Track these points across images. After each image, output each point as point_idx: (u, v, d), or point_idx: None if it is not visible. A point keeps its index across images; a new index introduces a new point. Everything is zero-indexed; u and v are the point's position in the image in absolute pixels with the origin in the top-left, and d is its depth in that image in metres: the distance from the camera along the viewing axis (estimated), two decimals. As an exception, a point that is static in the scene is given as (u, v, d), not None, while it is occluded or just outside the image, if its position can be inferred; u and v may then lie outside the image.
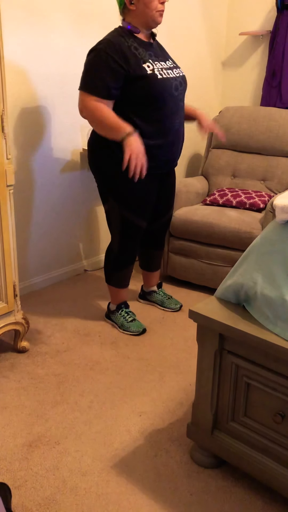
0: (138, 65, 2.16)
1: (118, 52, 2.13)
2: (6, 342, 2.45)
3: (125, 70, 2.14)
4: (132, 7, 2.19)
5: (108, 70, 2.12)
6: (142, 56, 2.19)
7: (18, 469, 1.72)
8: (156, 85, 2.18)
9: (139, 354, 2.41)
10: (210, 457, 1.72)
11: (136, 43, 2.20)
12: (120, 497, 1.61)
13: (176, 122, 2.31)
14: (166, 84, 2.21)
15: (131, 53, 2.16)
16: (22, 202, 2.86)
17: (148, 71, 2.17)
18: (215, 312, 1.55)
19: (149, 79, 2.17)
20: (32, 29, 2.64)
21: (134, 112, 2.21)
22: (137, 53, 2.18)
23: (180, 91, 2.30)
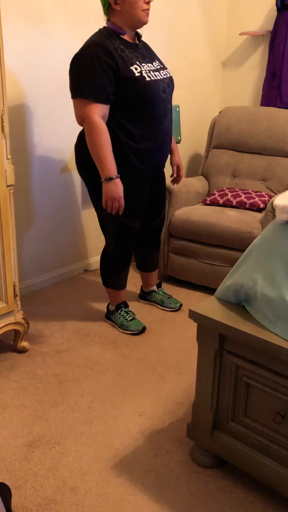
0: (126, 67, 2.12)
1: (108, 54, 2.08)
2: (6, 342, 2.45)
3: (115, 72, 2.10)
4: (117, 7, 2.13)
5: (104, 74, 2.08)
6: (129, 58, 2.15)
7: (18, 469, 1.72)
8: (144, 88, 2.15)
9: (139, 354, 2.41)
10: (210, 457, 1.72)
11: (122, 45, 2.15)
12: (120, 497, 1.61)
13: (165, 124, 2.29)
14: (154, 87, 2.18)
15: (118, 55, 2.11)
16: (22, 202, 2.86)
17: (136, 73, 2.14)
18: (215, 312, 1.55)
19: (138, 82, 2.13)
20: (32, 30, 2.64)
21: (123, 115, 2.19)
22: (124, 55, 2.13)
23: (168, 93, 2.28)
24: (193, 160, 3.96)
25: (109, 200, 2.19)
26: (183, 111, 3.53)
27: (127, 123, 2.20)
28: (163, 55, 3.48)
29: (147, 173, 2.35)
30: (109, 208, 2.22)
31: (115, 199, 2.18)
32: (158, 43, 3.40)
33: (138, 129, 2.22)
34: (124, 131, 2.20)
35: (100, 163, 2.15)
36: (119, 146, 2.21)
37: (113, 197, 2.18)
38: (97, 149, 2.13)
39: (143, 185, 2.38)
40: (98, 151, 2.13)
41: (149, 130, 2.24)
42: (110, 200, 2.19)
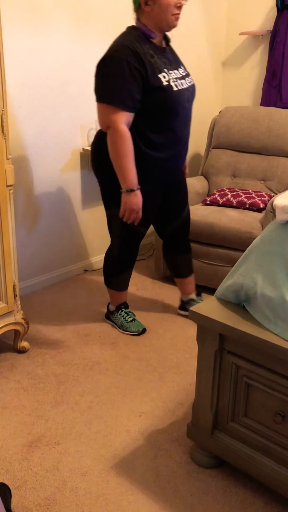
0: (154, 75, 2.05)
1: (137, 59, 2.01)
2: (6, 342, 2.45)
3: (144, 79, 2.03)
4: (147, 9, 2.06)
5: (133, 81, 2.00)
6: (158, 65, 2.07)
7: (18, 469, 1.72)
8: (171, 98, 2.09)
9: (139, 354, 2.41)
10: (210, 457, 1.72)
11: (151, 50, 2.08)
12: (120, 497, 1.61)
13: (185, 133, 2.26)
14: (181, 96, 2.12)
15: (148, 61, 2.04)
16: (22, 202, 2.86)
17: (164, 82, 2.07)
18: (215, 312, 1.55)
19: (165, 91, 2.07)
20: (32, 29, 2.64)
21: (145, 123, 2.12)
22: (152, 61, 2.06)
23: (190, 102, 2.24)
24: (193, 160, 3.95)
25: (128, 211, 2.16)
26: (183, 111, 3.52)
27: (148, 131, 2.14)
28: (163, 55, 3.48)
29: (162, 181, 2.32)
30: (125, 218, 2.19)
31: (133, 210, 2.16)
32: (158, 43, 3.40)
33: (158, 137, 2.16)
34: (144, 139, 2.14)
35: (122, 173, 2.09)
36: (136, 153, 2.13)
37: (132, 208, 2.15)
38: (120, 158, 2.07)
39: (155, 194, 2.33)
40: (121, 161, 2.07)
41: (169, 139, 2.20)
42: (129, 211, 2.16)
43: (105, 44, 3.04)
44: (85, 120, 3.06)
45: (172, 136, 2.20)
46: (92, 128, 3.10)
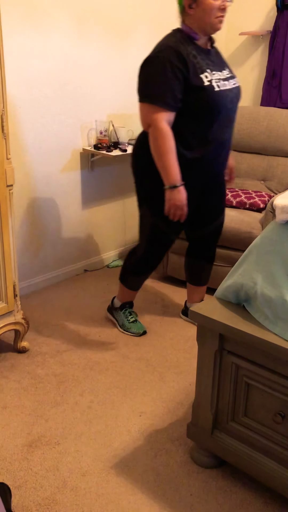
0: (196, 75, 2.04)
1: (180, 59, 2.00)
2: (6, 342, 2.45)
3: (186, 79, 2.02)
4: (191, 12, 2.05)
5: (176, 81, 2.00)
6: (200, 65, 2.06)
7: (18, 469, 1.72)
8: (212, 98, 2.06)
9: (139, 354, 2.41)
10: (210, 457, 1.72)
11: (195, 51, 2.07)
12: (120, 497, 1.61)
13: (226, 135, 2.21)
14: (223, 97, 2.09)
15: (190, 61, 2.03)
16: (22, 202, 2.86)
17: (206, 82, 2.05)
18: (215, 312, 1.55)
19: (206, 91, 2.05)
20: (32, 29, 2.64)
21: (184, 123, 2.10)
22: (195, 61, 2.04)
23: (234, 104, 2.19)
24: (193, 160, 3.96)
25: (173, 208, 2.14)
26: (183, 111, 3.52)
27: (186, 131, 2.12)
28: (163, 55, 3.48)
29: (197, 183, 2.25)
30: (171, 215, 2.16)
31: (178, 207, 2.13)
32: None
33: (195, 138, 2.14)
34: (181, 139, 2.11)
35: (165, 170, 2.08)
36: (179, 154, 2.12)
37: (177, 205, 2.12)
38: (162, 156, 2.06)
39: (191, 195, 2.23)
40: (163, 158, 2.07)
41: (207, 140, 2.15)
42: (174, 208, 2.14)
43: (105, 44, 3.05)
44: (85, 120, 3.06)
45: (211, 137, 2.15)
46: (92, 128, 3.11)
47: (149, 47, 3.47)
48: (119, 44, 3.14)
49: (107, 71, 3.12)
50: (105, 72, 3.10)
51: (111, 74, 3.15)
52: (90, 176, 3.22)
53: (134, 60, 3.30)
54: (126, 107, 3.30)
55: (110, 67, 3.13)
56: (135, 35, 3.23)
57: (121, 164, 3.42)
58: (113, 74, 3.16)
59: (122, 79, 3.23)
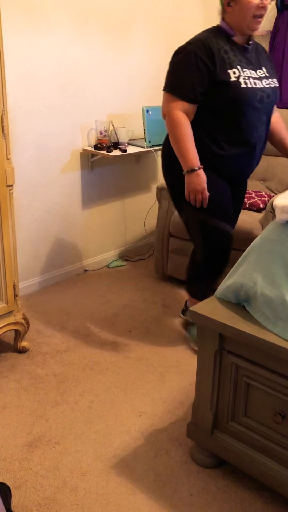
0: (223, 69, 2.01)
1: (208, 53, 1.99)
2: (6, 342, 2.45)
3: (211, 73, 2.00)
4: (229, 9, 2.03)
5: (197, 73, 1.99)
6: (231, 60, 2.03)
7: (18, 469, 1.72)
8: (237, 94, 2.02)
9: (139, 354, 2.41)
10: (210, 457, 1.72)
11: (228, 46, 2.04)
12: (120, 497, 1.61)
13: (254, 136, 2.14)
14: (249, 94, 2.04)
15: (220, 56, 2.01)
16: (22, 202, 2.86)
17: (233, 77, 2.01)
18: (215, 312, 1.55)
19: (231, 87, 2.01)
20: (32, 29, 2.64)
21: (208, 118, 2.09)
22: (226, 57, 2.02)
23: (266, 104, 2.12)
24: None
25: (192, 193, 2.09)
26: (183, 111, 3.53)
27: (211, 127, 2.10)
28: (163, 55, 3.49)
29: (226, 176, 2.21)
30: (192, 201, 2.10)
31: (198, 191, 2.07)
32: (158, 43, 3.40)
33: (224, 135, 2.11)
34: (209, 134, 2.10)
35: (182, 155, 2.06)
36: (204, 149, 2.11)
37: (196, 189, 2.07)
38: (178, 142, 2.05)
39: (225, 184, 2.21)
40: (179, 144, 2.05)
41: (236, 138, 2.11)
42: (193, 192, 2.08)
43: (105, 44, 3.05)
44: (85, 120, 3.06)
45: (239, 135, 2.11)
46: (92, 128, 3.11)
47: (149, 47, 3.48)
48: (119, 44, 3.14)
49: (107, 71, 3.12)
50: (105, 72, 3.10)
51: (111, 74, 3.15)
52: (90, 176, 3.22)
53: (134, 60, 3.31)
54: (126, 107, 3.30)
55: (110, 67, 3.13)
56: (135, 35, 3.23)
57: (121, 164, 3.42)
58: (113, 74, 3.16)
59: (122, 79, 3.23)
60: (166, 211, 3.12)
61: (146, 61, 3.36)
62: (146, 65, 3.37)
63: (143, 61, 3.34)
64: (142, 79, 3.37)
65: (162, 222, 3.15)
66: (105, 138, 3.11)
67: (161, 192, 3.15)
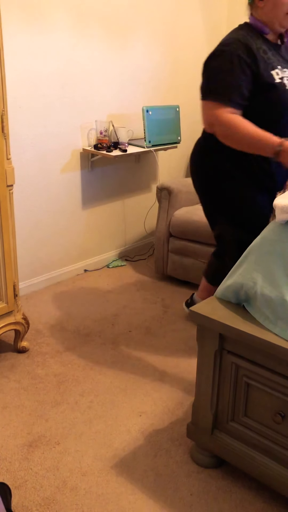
0: (267, 71, 1.86)
1: (250, 55, 1.83)
2: (6, 342, 2.45)
3: (255, 75, 1.84)
4: (260, 4, 1.88)
5: (243, 76, 1.82)
6: (271, 61, 1.89)
7: (18, 469, 1.72)
8: (283, 97, 1.88)
9: (139, 354, 2.41)
10: (210, 457, 1.72)
11: (265, 46, 1.90)
12: (120, 497, 1.61)
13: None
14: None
15: (261, 56, 1.86)
16: (22, 202, 2.86)
17: (277, 79, 1.87)
18: (215, 312, 1.55)
19: (277, 89, 1.87)
20: (32, 29, 2.64)
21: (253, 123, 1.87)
22: (266, 57, 1.87)
23: None
24: (193, 160, 3.96)
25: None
26: (183, 111, 3.53)
27: None
28: (163, 55, 3.49)
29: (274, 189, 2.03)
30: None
31: None
32: (158, 43, 3.40)
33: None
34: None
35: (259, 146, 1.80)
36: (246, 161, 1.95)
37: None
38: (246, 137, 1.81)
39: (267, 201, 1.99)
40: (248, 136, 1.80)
41: None
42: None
43: (105, 44, 3.05)
44: (85, 120, 3.07)
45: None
46: (92, 128, 3.11)
47: (149, 47, 3.48)
48: (119, 44, 3.14)
49: (107, 71, 3.12)
50: (105, 72, 3.11)
51: (111, 74, 3.15)
52: (90, 176, 3.22)
53: (134, 60, 3.31)
54: (126, 107, 3.30)
55: (110, 67, 3.13)
56: (135, 36, 3.23)
57: (121, 164, 3.42)
58: (113, 74, 3.17)
59: (122, 79, 3.23)
60: (166, 211, 3.13)
61: (146, 61, 3.36)
62: (146, 65, 3.37)
63: (143, 61, 3.34)
64: (142, 79, 3.37)
65: (162, 222, 3.15)
66: (105, 138, 3.11)
67: (161, 192, 3.15)
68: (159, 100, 3.52)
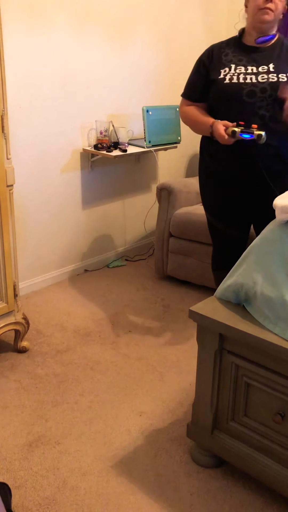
0: (215, 69, 2.11)
1: (209, 56, 2.15)
2: (6, 342, 2.45)
3: (205, 74, 2.15)
4: (247, 11, 2.10)
5: (198, 75, 2.18)
6: (227, 60, 2.11)
7: (18, 469, 1.72)
8: (220, 89, 2.08)
9: (139, 354, 2.41)
10: (210, 457, 1.72)
11: (232, 48, 2.13)
12: (120, 497, 1.61)
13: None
14: (233, 88, 2.04)
15: (218, 57, 2.13)
16: (22, 202, 2.86)
17: (221, 75, 2.08)
18: (215, 312, 1.55)
19: (216, 83, 2.09)
20: (32, 29, 2.65)
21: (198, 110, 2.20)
22: (224, 58, 2.11)
23: (258, 98, 2.04)
24: (193, 160, 3.96)
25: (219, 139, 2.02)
26: (183, 111, 3.53)
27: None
28: (163, 55, 3.49)
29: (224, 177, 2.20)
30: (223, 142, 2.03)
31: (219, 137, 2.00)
32: (158, 43, 3.40)
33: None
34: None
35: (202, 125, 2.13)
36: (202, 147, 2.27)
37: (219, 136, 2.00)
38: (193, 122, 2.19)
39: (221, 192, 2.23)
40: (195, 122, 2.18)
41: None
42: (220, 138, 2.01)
43: (105, 44, 3.05)
44: (85, 120, 3.07)
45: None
46: (92, 128, 3.11)
47: (149, 47, 3.48)
48: (119, 44, 3.14)
49: (107, 71, 3.12)
50: (105, 72, 3.11)
51: (111, 74, 3.15)
52: (90, 176, 3.22)
53: (134, 60, 3.31)
54: (126, 107, 3.30)
55: (110, 67, 3.13)
56: (135, 36, 3.23)
57: (121, 164, 3.42)
58: (113, 74, 3.16)
59: (122, 79, 3.23)
60: (166, 211, 3.13)
61: (146, 61, 3.36)
62: (146, 65, 3.37)
63: (143, 61, 3.34)
64: (142, 79, 3.37)
65: (162, 222, 3.15)
66: (105, 138, 3.11)
67: (161, 192, 3.15)
68: (159, 100, 3.51)
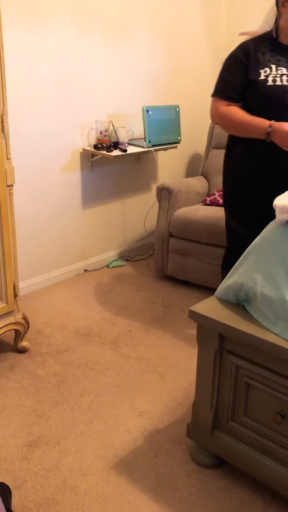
0: (255, 69, 2.01)
1: (245, 54, 2.05)
2: (6, 342, 2.45)
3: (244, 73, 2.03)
4: (283, 10, 2.01)
5: (237, 73, 2.04)
6: (265, 60, 2.02)
7: (18, 469, 1.72)
8: (263, 91, 1.99)
9: (139, 354, 2.41)
10: (210, 457, 1.72)
11: (268, 47, 2.04)
12: (120, 497, 1.61)
13: None
14: (276, 91, 1.97)
15: (255, 56, 2.03)
16: (22, 202, 2.86)
17: (262, 76, 1.99)
18: (215, 312, 1.55)
19: (258, 84, 2.00)
20: (32, 30, 2.65)
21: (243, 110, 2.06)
22: (261, 57, 2.02)
23: None
24: (193, 160, 3.96)
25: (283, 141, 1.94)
26: (183, 111, 3.53)
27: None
28: (163, 55, 3.49)
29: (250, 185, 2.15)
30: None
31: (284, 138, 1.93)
32: (158, 43, 3.40)
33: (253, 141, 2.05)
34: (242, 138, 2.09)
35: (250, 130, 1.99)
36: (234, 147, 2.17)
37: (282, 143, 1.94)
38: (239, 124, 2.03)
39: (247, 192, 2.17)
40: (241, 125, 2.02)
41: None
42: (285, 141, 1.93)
43: (105, 44, 3.05)
44: (85, 120, 3.07)
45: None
46: (92, 128, 3.11)
47: (149, 47, 3.48)
48: (119, 44, 3.14)
49: (107, 71, 3.12)
50: (105, 72, 3.11)
51: (111, 74, 3.15)
52: (90, 176, 3.22)
53: (134, 60, 3.31)
54: (126, 107, 3.30)
55: (110, 67, 3.13)
56: (135, 35, 3.23)
57: (121, 164, 3.43)
58: (113, 74, 3.17)
59: (122, 79, 3.23)
60: (166, 211, 3.13)
61: (146, 61, 3.36)
62: (146, 65, 3.37)
63: (143, 61, 3.34)
64: (142, 79, 3.37)
65: (162, 222, 3.15)
66: (105, 138, 3.11)
67: (161, 192, 3.15)
68: (159, 100, 3.52)
